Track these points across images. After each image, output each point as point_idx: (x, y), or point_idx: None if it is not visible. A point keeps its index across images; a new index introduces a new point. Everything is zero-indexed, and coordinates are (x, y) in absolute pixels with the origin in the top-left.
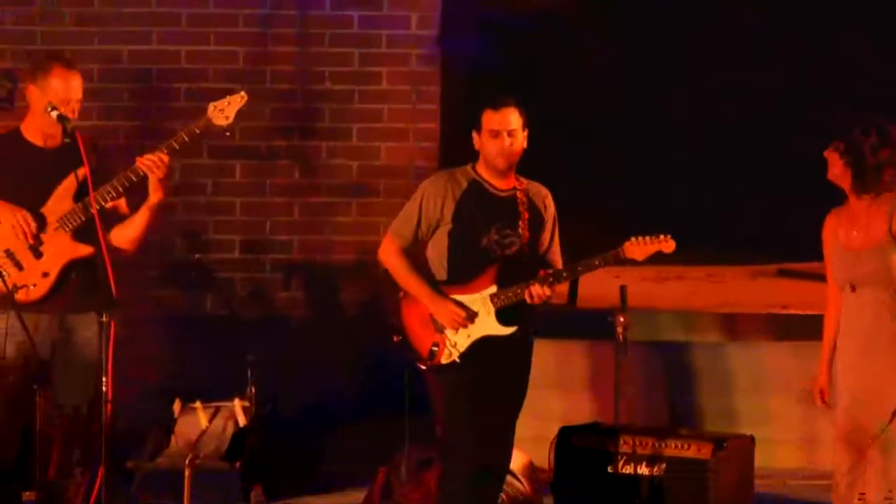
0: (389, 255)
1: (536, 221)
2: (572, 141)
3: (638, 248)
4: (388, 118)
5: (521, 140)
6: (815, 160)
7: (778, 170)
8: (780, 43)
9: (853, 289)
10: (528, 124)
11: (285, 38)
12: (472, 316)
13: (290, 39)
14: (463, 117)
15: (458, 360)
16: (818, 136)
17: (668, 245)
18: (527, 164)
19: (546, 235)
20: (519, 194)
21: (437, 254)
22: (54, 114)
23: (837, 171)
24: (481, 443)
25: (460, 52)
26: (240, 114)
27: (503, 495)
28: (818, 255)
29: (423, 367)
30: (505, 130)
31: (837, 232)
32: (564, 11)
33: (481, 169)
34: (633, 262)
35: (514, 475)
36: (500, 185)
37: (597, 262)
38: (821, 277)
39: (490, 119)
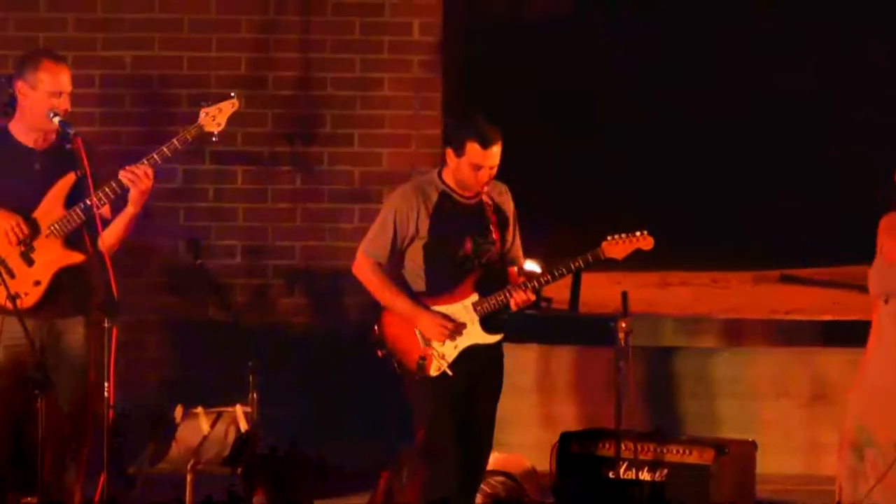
0: (365, 273)
1: (503, 222)
2: (574, 143)
3: (616, 247)
4: (390, 124)
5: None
6: (819, 164)
7: (783, 175)
8: (786, 49)
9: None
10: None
11: (287, 44)
12: (459, 327)
13: (292, 45)
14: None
15: (448, 371)
16: (824, 140)
17: (646, 242)
18: (526, 166)
19: (510, 233)
20: (485, 198)
21: (413, 266)
22: (56, 119)
23: None
24: (465, 449)
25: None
26: (232, 119)
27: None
28: (821, 261)
29: (414, 381)
30: (489, 166)
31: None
32: (567, 16)
33: (449, 179)
34: (613, 262)
35: (514, 479)
36: (468, 192)
37: (576, 264)
38: (823, 283)
39: (476, 154)
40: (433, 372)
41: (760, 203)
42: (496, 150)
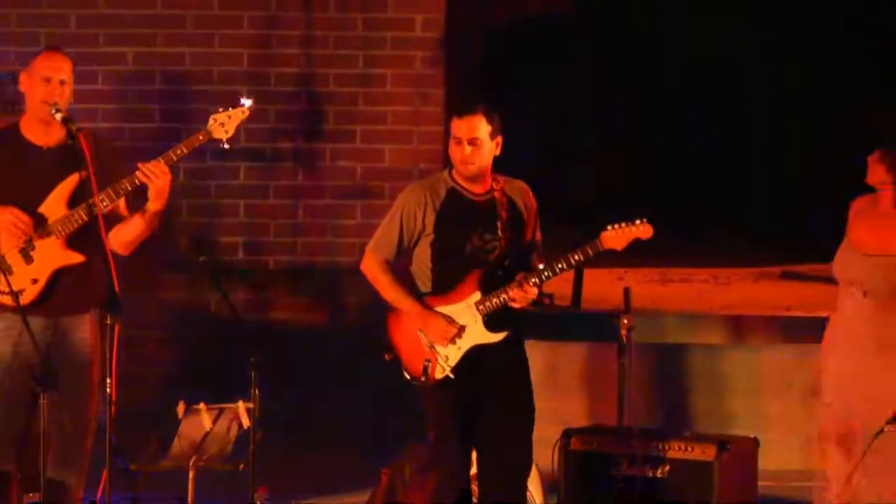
0: (372, 270)
1: (515, 220)
2: (573, 140)
3: (615, 236)
4: (392, 120)
5: (486, 149)
6: (820, 162)
7: (784, 171)
8: (791, 48)
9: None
10: (499, 131)
11: (290, 40)
12: (461, 329)
13: (294, 42)
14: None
15: (451, 374)
16: (825, 137)
17: (645, 231)
18: (525, 164)
19: (527, 233)
20: (497, 195)
21: (421, 265)
22: (58, 116)
23: (880, 178)
24: (485, 451)
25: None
26: (240, 127)
27: None
28: (822, 258)
29: (420, 385)
30: (465, 139)
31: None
32: (567, 13)
33: (458, 175)
34: (613, 253)
35: None
36: (477, 189)
37: (576, 257)
38: (824, 280)
39: (455, 126)
40: (438, 375)
41: (761, 199)
42: (474, 122)
